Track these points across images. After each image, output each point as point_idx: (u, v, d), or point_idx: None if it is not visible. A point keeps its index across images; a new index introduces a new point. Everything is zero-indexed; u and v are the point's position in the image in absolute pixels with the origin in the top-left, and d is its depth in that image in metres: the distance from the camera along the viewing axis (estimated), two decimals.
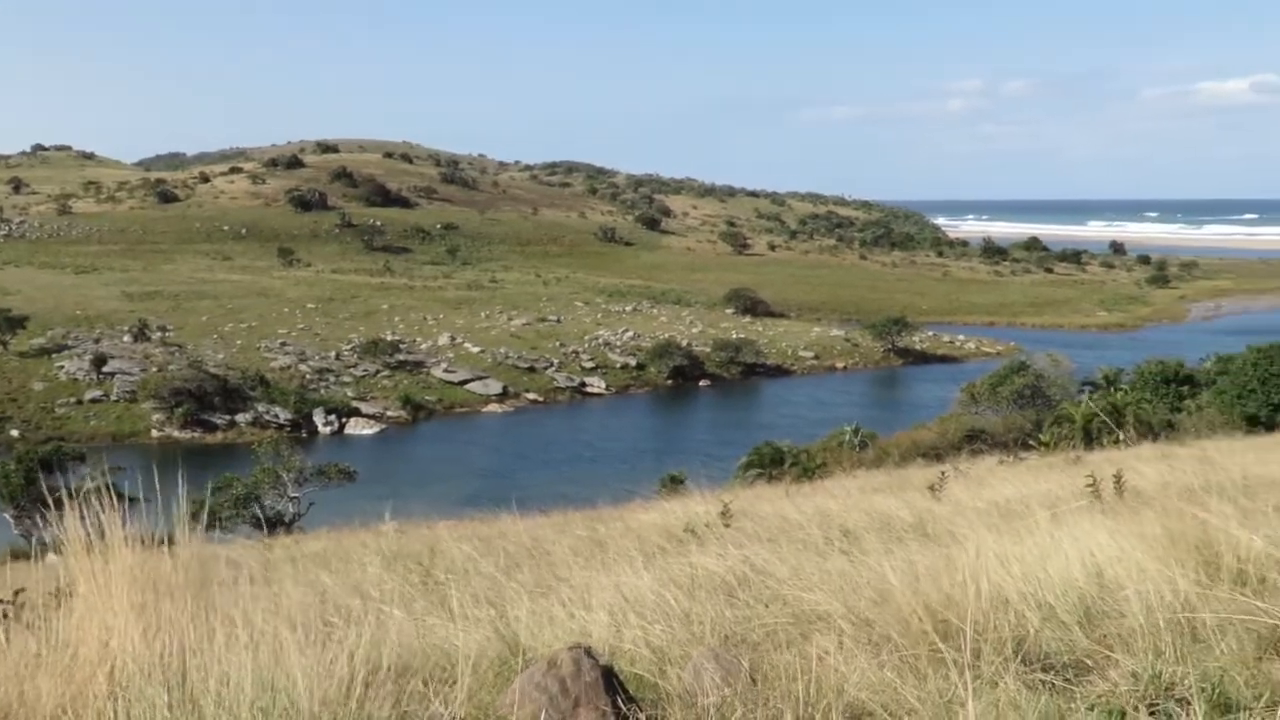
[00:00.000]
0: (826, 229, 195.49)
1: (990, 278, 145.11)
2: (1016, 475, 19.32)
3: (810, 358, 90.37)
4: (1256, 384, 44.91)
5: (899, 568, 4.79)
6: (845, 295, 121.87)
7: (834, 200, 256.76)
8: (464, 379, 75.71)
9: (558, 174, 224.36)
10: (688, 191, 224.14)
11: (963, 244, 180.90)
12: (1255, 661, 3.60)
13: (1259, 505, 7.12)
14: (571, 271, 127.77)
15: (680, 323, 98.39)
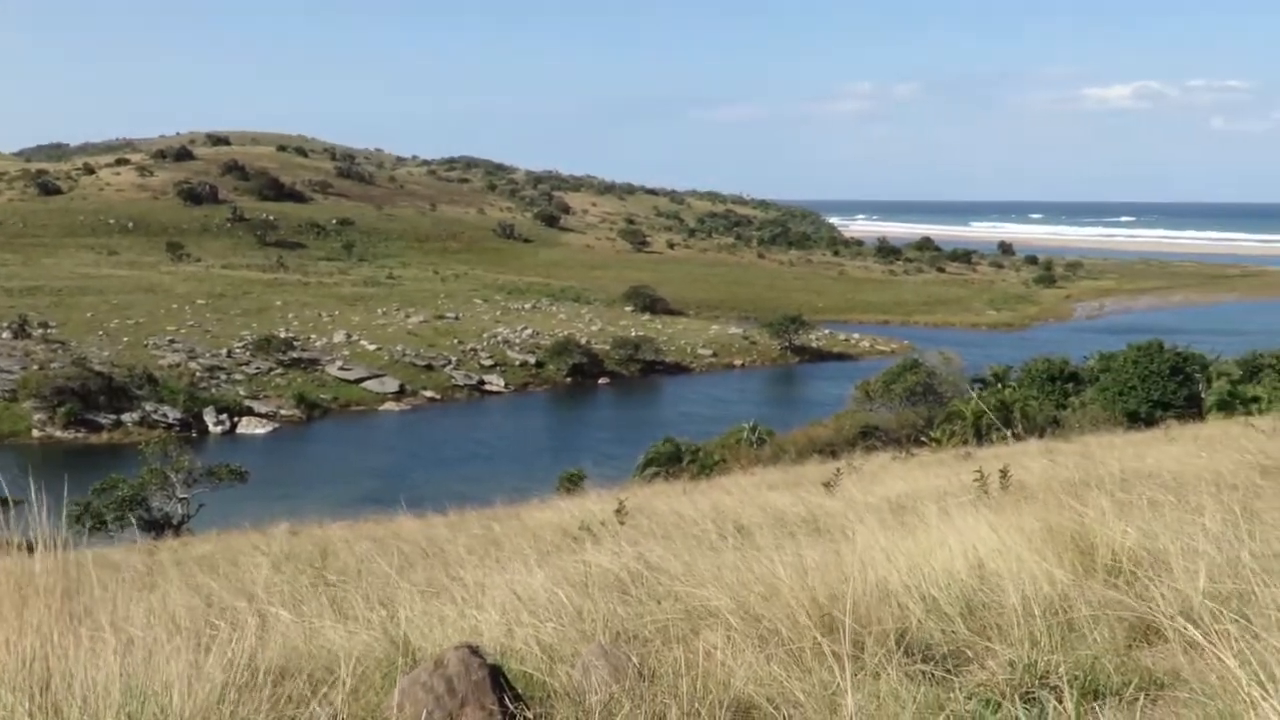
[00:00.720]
0: (725, 228, 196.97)
1: (884, 277, 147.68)
2: (908, 471, 19.74)
3: (709, 355, 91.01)
4: (1137, 381, 46.50)
5: (789, 563, 4.84)
6: (743, 293, 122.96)
7: (732, 199, 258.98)
8: (360, 377, 74.67)
9: (456, 170, 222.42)
10: (587, 189, 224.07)
11: (858, 243, 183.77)
12: (1125, 650, 3.73)
13: (1134, 498, 7.36)
14: (470, 268, 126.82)
15: (580, 320, 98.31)
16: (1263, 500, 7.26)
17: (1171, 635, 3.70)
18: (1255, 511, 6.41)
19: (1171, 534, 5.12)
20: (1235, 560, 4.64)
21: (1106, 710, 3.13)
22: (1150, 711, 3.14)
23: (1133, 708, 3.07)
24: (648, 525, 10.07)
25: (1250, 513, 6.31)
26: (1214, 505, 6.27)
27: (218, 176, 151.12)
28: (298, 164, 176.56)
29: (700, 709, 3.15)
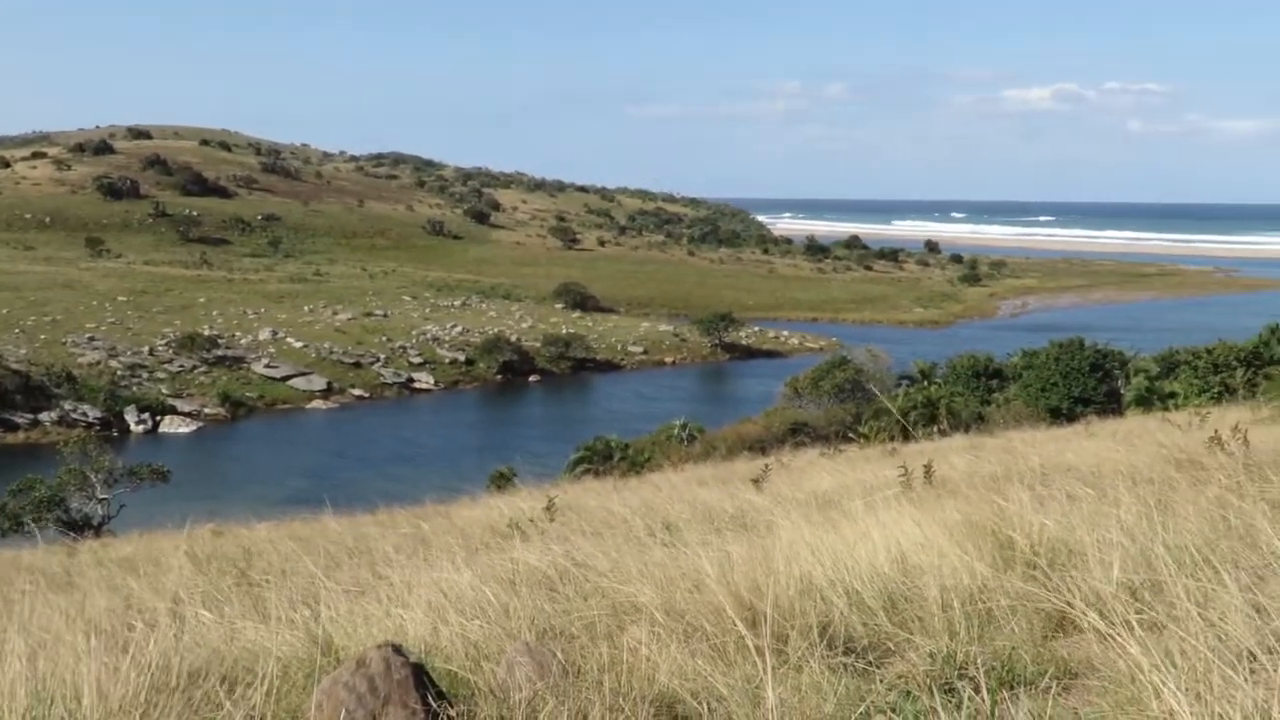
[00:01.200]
0: (656, 225, 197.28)
1: (813, 275, 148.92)
2: (836, 467, 19.90)
3: (640, 353, 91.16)
4: (1059, 378, 47.42)
5: (714, 559, 4.87)
6: (674, 291, 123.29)
7: (663, 197, 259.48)
8: (286, 375, 73.68)
9: (384, 165, 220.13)
10: (517, 186, 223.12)
11: (787, 241, 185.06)
12: (1042, 640, 3.81)
13: (1053, 492, 7.50)
14: (399, 265, 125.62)
15: (510, 318, 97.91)
16: (1176, 493, 7.41)
17: (1085, 625, 3.78)
18: (1169, 504, 6.56)
19: (1088, 526, 5.24)
20: (1148, 551, 4.76)
21: (1021, 699, 3.19)
22: (1063, 699, 3.21)
23: (1046, 696, 3.14)
24: (577, 522, 10.06)
25: (1164, 505, 6.47)
26: (1130, 498, 6.41)
27: (139, 171, 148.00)
28: (221, 159, 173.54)
29: (624, 704, 3.16)
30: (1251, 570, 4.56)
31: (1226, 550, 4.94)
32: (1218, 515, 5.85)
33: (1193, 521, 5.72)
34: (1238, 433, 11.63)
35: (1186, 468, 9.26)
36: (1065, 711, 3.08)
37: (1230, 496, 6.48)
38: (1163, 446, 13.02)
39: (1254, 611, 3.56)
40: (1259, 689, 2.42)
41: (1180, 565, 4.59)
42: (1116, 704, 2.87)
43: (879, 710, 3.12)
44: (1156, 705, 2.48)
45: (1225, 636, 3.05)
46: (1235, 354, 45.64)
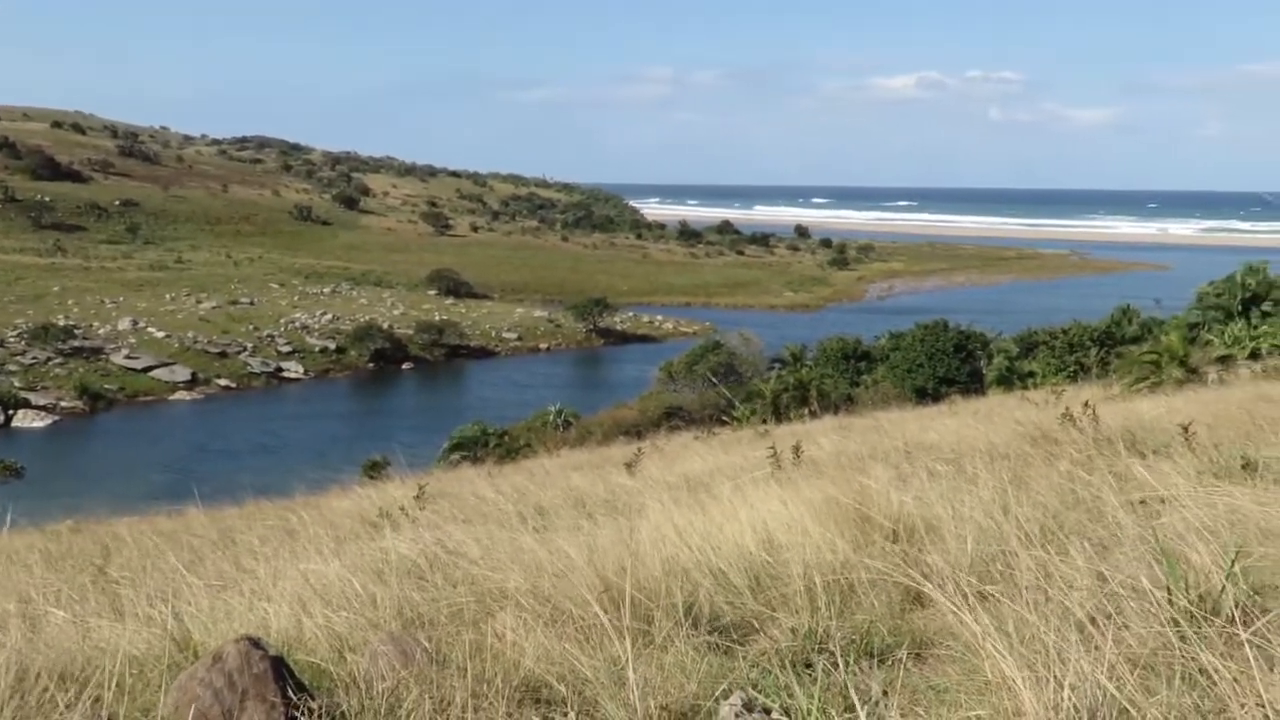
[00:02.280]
0: (529, 210, 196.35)
1: (686, 260, 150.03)
2: (709, 450, 20.14)
3: (514, 339, 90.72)
4: (924, 359, 48.67)
5: (583, 542, 4.90)
6: (548, 277, 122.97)
7: (536, 182, 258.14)
8: (148, 366, 71.32)
9: (249, 149, 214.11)
10: (387, 170, 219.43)
11: (660, 227, 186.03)
12: (900, 614, 3.92)
13: (915, 470, 7.73)
14: (265, 252, 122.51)
15: (381, 305, 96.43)
16: (1031, 468, 7.69)
17: (939, 598, 3.91)
18: (1024, 479, 6.82)
19: (945, 502, 5.40)
20: (1001, 525, 4.93)
21: (877, 670, 3.29)
22: (916, 670, 3.31)
23: (900, 667, 3.24)
24: (449, 510, 9.99)
25: (1019, 480, 6.72)
26: (987, 474, 6.63)
27: None
28: (75, 142, 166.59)
29: (488, 691, 3.16)
30: (1097, 541, 4.76)
31: (1074, 522, 5.15)
32: (1067, 489, 6.10)
33: (1044, 495, 5.96)
34: (1089, 409, 12.13)
35: (1041, 444, 9.62)
36: (917, 680, 3.18)
37: (1080, 471, 6.76)
38: (1020, 424, 13.47)
39: (1097, 580, 3.73)
40: (1091, 656, 2.53)
41: (1030, 538, 4.77)
42: (963, 673, 2.97)
43: (741, 686, 3.18)
44: (992, 673, 2.57)
45: (1066, 606, 3.19)
46: (1089, 334, 47.51)
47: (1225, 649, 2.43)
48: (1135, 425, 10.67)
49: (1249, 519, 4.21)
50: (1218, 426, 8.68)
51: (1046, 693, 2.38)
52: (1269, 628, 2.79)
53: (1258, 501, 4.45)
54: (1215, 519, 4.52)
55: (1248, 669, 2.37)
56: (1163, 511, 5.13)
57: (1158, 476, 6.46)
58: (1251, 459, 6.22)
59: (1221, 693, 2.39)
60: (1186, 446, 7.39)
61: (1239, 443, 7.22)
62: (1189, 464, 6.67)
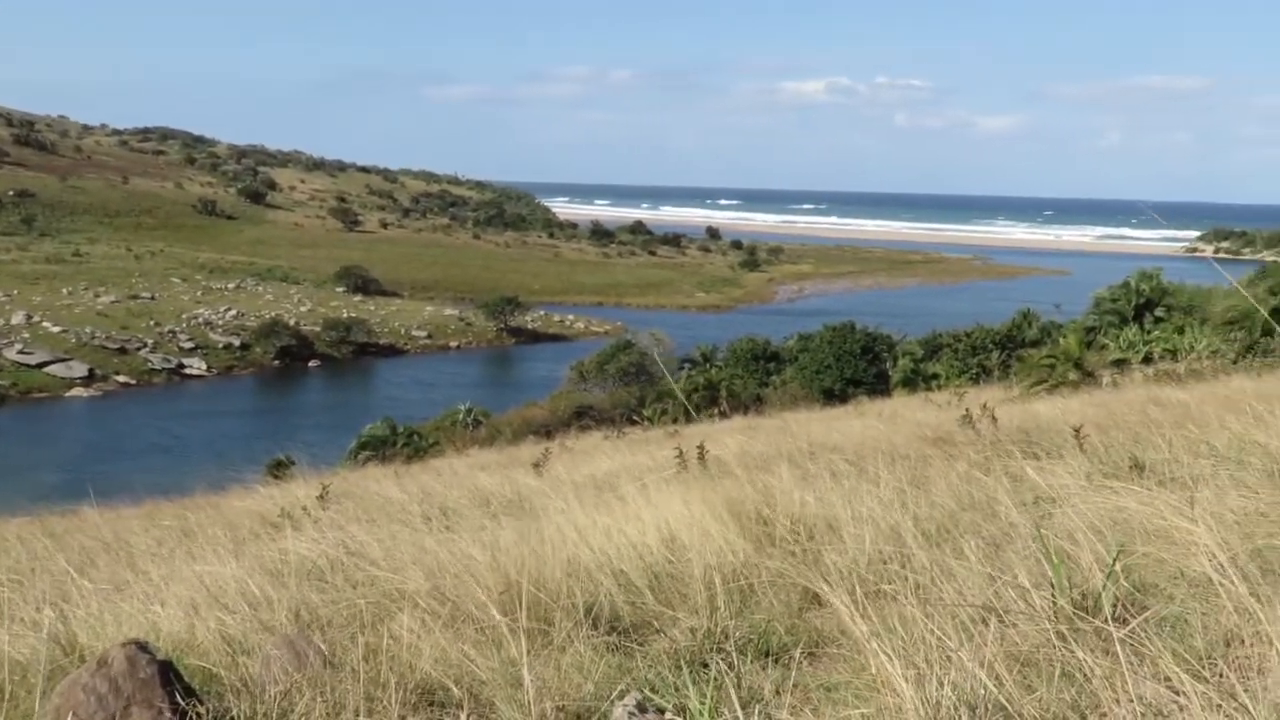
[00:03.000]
0: (440, 208, 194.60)
1: (598, 259, 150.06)
2: (618, 450, 20.16)
3: (424, 337, 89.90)
4: (832, 360, 49.32)
5: (486, 543, 4.88)
6: (459, 275, 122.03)
7: (447, 179, 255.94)
8: (43, 361, 69.20)
9: (151, 140, 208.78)
10: (295, 165, 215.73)
11: (572, 226, 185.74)
12: (798, 612, 3.97)
13: (819, 470, 7.83)
14: (168, 246, 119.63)
15: (288, 301, 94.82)
16: (931, 469, 7.83)
17: (850, 597, 3.97)
18: (924, 480, 6.94)
19: (845, 502, 5.48)
20: (899, 525, 5.02)
21: (772, 670, 3.32)
22: (810, 669, 3.36)
23: (795, 666, 3.28)
24: (353, 510, 9.86)
25: (919, 481, 6.85)
26: (888, 475, 6.74)
27: None
28: None
29: (382, 694, 3.13)
30: (991, 540, 4.86)
31: (969, 522, 5.26)
32: (964, 490, 6.23)
33: (942, 496, 6.08)
34: (987, 411, 12.41)
35: (941, 445, 9.82)
36: (810, 679, 3.22)
37: (976, 472, 6.91)
38: (921, 425, 13.75)
39: (988, 580, 3.81)
40: (973, 654, 2.59)
41: (927, 537, 4.87)
42: (852, 671, 3.02)
43: (636, 687, 3.19)
44: (876, 672, 2.62)
45: (958, 604, 3.26)
46: (991, 337, 48.57)
47: (1103, 646, 2.51)
48: (1032, 427, 10.93)
49: (1134, 519, 4.34)
50: (1109, 428, 8.93)
51: (927, 690, 2.44)
52: (1145, 626, 2.89)
53: (1143, 502, 4.58)
54: (1102, 519, 4.65)
55: (1122, 666, 2.45)
56: (1054, 511, 5.27)
57: (1050, 477, 6.64)
58: (1140, 460, 6.41)
59: (1096, 689, 2.46)
60: (1078, 448, 7.60)
61: (1129, 444, 7.43)
62: (1080, 465, 6.85)
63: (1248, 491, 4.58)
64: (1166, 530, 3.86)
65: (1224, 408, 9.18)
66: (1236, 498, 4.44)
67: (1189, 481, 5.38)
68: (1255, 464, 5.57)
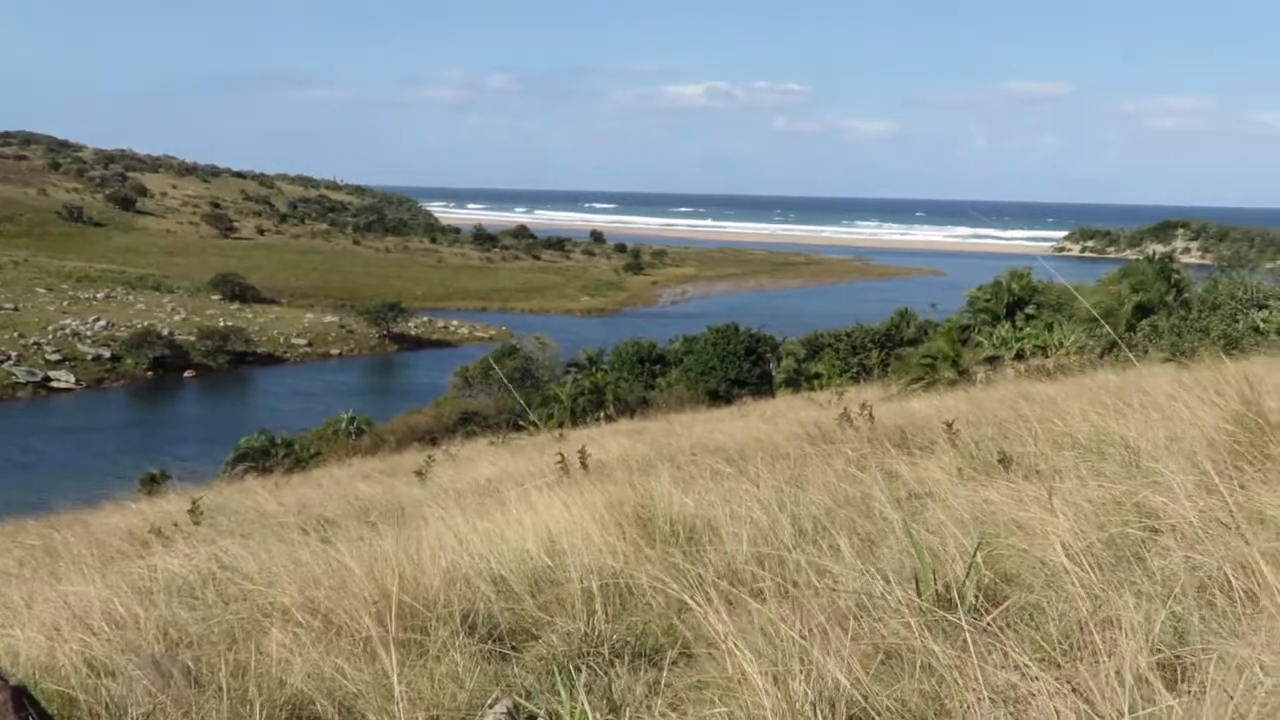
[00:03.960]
0: (319, 213, 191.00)
1: (482, 264, 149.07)
2: (502, 456, 20.08)
3: (304, 345, 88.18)
4: (716, 362, 49.77)
5: (364, 554, 4.80)
6: (339, 281, 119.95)
7: (326, 184, 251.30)
8: None
9: (12, 145, 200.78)
10: (166, 170, 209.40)
11: (455, 231, 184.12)
12: (676, 614, 3.99)
13: (700, 471, 7.89)
14: (31, 254, 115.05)
15: (161, 310, 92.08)
16: (810, 468, 7.96)
17: (714, 597, 4.01)
18: (803, 478, 7.05)
19: (724, 502, 5.54)
20: (777, 524, 5.09)
21: (647, 671, 3.34)
22: (683, 670, 3.38)
23: (670, 668, 3.30)
24: (228, 524, 9.63)
25: (798, 479, 6.95)
26: (768, 474, 6.83)
27: None
28: None
29: (248, 712, 3.06)
30: (865, 536, 4.96)
31: (844, 519, 5.36)
32: (840, 487, 6.34)
33: (819, 494, 6.18)
34: (865, 409, 12.67)
35: (820, 443, 9.97)
36: (682, 679, 3.24)
37: (853, 469, 7.04)
38: (803, 424, 13.96)
39: (862, 575, 3.88)
40: (835, 650, 2.64)
41: (803, 535, 4.94)
42: (720, 670, 3.05)
43: (512, 693, 3.18)
44: (733, 670, 2.66)
45: (831, 601, 3.32)
46: (871, 337, 49.61)
47: (964, 637, 2.57)
48: (907, 424, 11.19)
49: (1000, 512, 4.47)
50: (980, 424, 9.18)
51: (791, 687, 2.48)
52: (1004, 615, 2.98)
53: (1007, 495, 4.72)
54: (970, 512, 4.78)
55: (979, 657, 2.52)
56: (926, 506, 5.40)
57: (923, 472, 6.81)
58: (1007, 454, 6.60)
59: (951, 680, 2.53)
60: (950, 443, 7.80)
61: (998, 439, 7.65)
62: (952, 460, 7.03)
63: (1106, 482, 4.75)
64: (1028, 522, 3.99)
65: (1088, 401, 9.49)
66: (1095, 488, 4.59)
67: (1053, 474, 5.56)
68: (1114, 455, 5.78)
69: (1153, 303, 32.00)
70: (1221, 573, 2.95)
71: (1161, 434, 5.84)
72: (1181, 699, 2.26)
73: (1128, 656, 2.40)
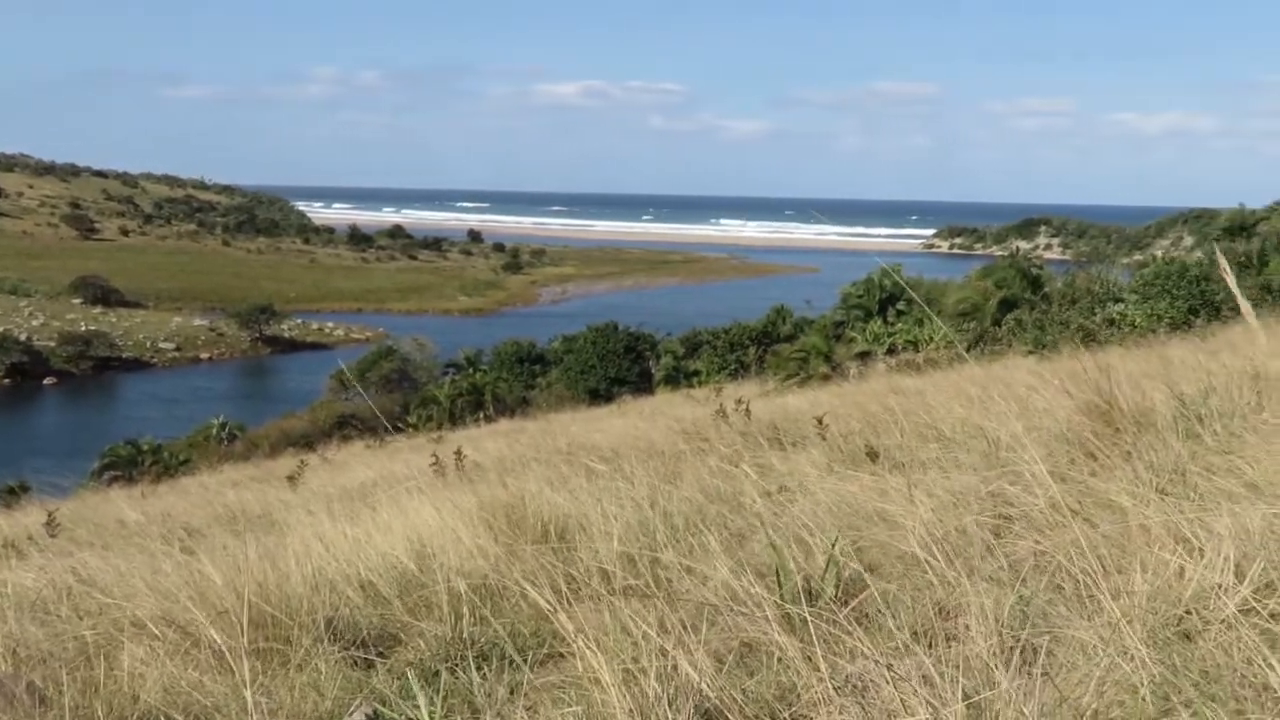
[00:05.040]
0: (186, 214, 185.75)
1: (357, 264, 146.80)
2: (378, 459, 19.81)
3: (172, 349, 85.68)
4: (596, 360, 49.86)
5: (227, 562, 4.67)
6: (208, 283, 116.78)
7: (193, 184, 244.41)
8: None
9: None
10: (22, 169, 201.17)
11: (329, 231, 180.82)
12: (544, 615, 3.97)
13: (575, 470, 7.89)
14: None
15: (18, 315, 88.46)
16: (684, 464, 8.02)
17: (586, 596, 4.01)
18: (678, 475, 7.10)
19: (597, 500, 5.54)
20: (648, 522, 5.11)
21: (510, 673, 3.31)
22: (550, 671, 3.36)
23: (537, 669, 3.29)
24: (88, 536, 9.28)
25: (673, 476, 7.00)
26: (642, 472, 6.85)
27: None
28: None
29: None
30: (736, 532, 5.02)
31: (716, 514, 5.40)
32: (713, 483, 6.40)
33: (692, 490, 6.22)
34: (741, 406, 12.81)
35: (695, 440, 10.05)
36: (546, 680, 3.23)
37: (727, 465, 7.11)
38: (680, 421, 14.05)
39: (729, 571, 3.92)
40: (688, 647, 2.67)
41: (675, 532, 4.97)
42: (580, 669, 3.06)
43: (369, 700, 3.13)
44: (583, 669, 2.66)
45: (702, 596, 3.34)
46: (748, 334, 50.19)
47: (822, 630, 2.62)
48: (781, 419, 11.35)
49: (865, 504, 4.56)
50: (851, 418, 9.34)
51: (642, 684, 2.49)
52: (862, 606, 3.05)
53: (875, 488, 4.82)
54: (838, 505, 4.87)
55: (832, 648, 2.57)
56: (795, 500, 5.48)
57: (794, 466, 6.92)
58: (874, 447, 6.74)
59: (804, 671, 2.58)
60: (821, 438, 7.93)
61: (867, 433, 7.81)
62: (822, 454, 7.16)
63: (968, 472, 4.88)
64: (891, 513, 4.08)
65: (954, 394, 9.74)
66: (957, 479, 4.72)
67: (917, 466, 5.70)
68: (976, 446, 5.95)
69: (1016, 298, 33.09)
70: (1068, 557, 3.06)
71: (1020, 425, 6.02)
72: (1021, 681, 2.34)
73: (977, 641, 2.47)
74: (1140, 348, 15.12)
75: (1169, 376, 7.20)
